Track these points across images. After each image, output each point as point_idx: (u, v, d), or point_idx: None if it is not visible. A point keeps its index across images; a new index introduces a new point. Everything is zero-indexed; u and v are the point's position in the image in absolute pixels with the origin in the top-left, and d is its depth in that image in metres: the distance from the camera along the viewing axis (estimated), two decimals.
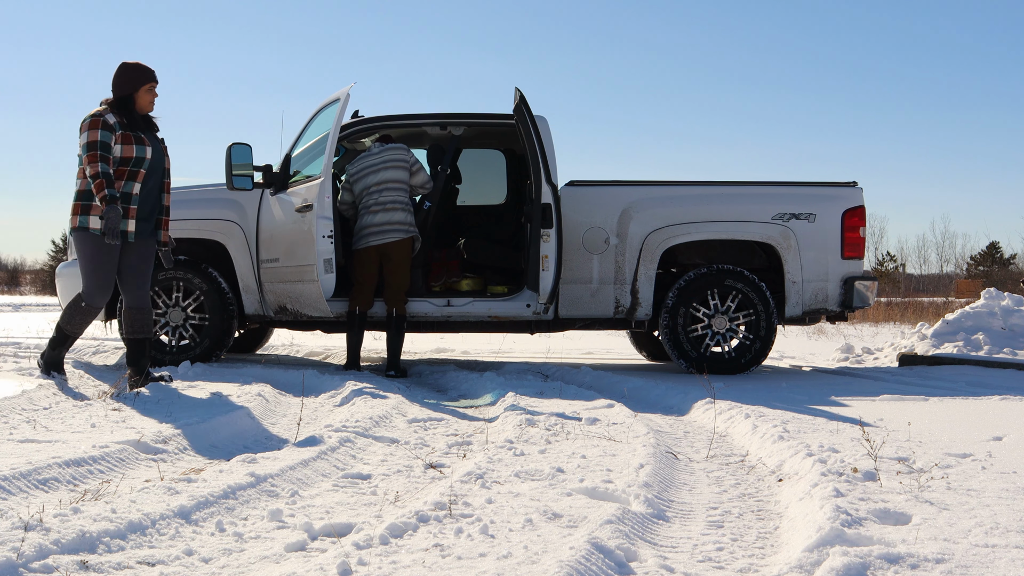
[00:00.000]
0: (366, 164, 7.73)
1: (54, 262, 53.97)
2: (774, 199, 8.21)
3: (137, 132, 6.16)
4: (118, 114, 6.13)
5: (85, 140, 6.03)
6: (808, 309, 8.20)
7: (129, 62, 6.27)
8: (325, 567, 2.71)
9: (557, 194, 7.54)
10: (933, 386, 7.36)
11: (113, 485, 3.69)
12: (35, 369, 7.72)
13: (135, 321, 6.32)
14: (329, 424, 5.14)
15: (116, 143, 6.07)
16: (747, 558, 2.96)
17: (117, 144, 6.07)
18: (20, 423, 4.99)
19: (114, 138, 6.06)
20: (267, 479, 3.79)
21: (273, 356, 9.32)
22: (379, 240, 7.61)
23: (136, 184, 6.16)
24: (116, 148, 6.07)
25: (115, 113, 6.13)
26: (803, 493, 3.57)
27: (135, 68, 6.23)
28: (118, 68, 6.24)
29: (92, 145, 6.00)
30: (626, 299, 8.12)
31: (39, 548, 2.75)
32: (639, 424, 5.27)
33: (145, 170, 6.18)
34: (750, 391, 6.68)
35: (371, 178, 7.69)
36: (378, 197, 7.65)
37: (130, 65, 6.25)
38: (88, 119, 6.07)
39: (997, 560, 2.74)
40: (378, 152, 7.77)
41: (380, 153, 7.76)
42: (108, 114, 6.10)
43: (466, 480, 3.84)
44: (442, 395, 6.99)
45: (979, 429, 5.11)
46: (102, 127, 6.03)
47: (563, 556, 2.75)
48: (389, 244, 7.60)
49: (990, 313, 9.72)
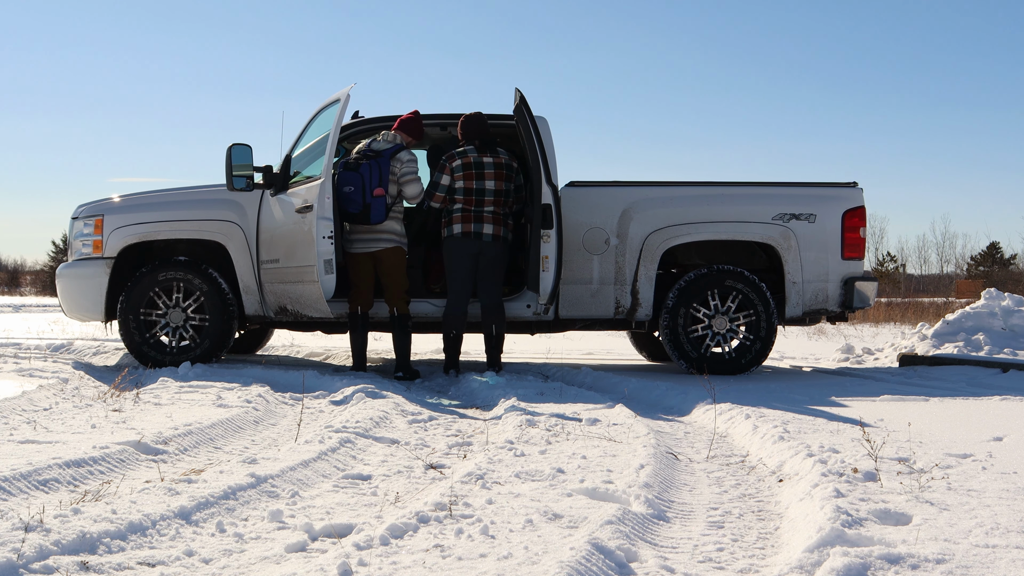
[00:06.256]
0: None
1: (54, 263, 53.96)
2: (774, 200, 8.21)
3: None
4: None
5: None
6: (808, 309, 8.20)
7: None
8: (325, 568, 2.71)
9: (557, 195, 7.54)
10: (933, 386, 7.36)
11: (113, 486, 3.69)
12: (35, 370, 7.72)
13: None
14: (329, 425, 5.14)
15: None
16: (747, 558, 2.96)
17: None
18: (20, 424, 4.99)
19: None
20: (267, 480, 3.80)
21: (273, 357, 9.32)
22: (365, 248, 7.60)
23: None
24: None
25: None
26: (803, 493, 3.57)
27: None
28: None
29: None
30: (626, 300, 8.12)
31: (39, 549, 2.75)
32: (639, 425, 5.27)
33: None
34: (750, 391, 6.68)
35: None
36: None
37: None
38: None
39: (998, 560, 2.74)
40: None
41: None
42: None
43: (466, 481, 3.84)
44: (442, 395, 6.99)
45: (979, 429, 5.11)
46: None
47: (563, 557, 2.75)
48: (378, 252, 7.60)
49: (990, 313, 9.71)
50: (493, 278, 7.67)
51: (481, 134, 7.72)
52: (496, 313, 7.72)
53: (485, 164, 7.60)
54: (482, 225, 7.58)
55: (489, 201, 7.60)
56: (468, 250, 7.58)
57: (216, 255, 8.13)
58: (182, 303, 8.00)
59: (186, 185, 8.35)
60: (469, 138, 7.72)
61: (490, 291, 7.68)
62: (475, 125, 7.73)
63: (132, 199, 8.26)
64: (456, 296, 7.68)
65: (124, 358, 8.71)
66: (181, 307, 8.00)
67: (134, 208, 8.17)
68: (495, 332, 7.76)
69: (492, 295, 7.69)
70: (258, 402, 5.94)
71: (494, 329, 7.75)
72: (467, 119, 7.76)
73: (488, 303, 7.69)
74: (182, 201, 8.19)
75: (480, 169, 7.58)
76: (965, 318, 9.68)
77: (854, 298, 8.16)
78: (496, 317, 7.72)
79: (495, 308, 7.71)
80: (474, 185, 7.56)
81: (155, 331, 8.00)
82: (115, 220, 8.08)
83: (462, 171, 7.56)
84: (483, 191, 7.58)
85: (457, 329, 7.75)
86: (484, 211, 7.60)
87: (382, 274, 7.65)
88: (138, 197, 8.28)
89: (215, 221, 8.03)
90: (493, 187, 7.59)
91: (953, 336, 9.45)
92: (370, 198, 7.41)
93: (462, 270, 7.62)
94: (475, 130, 7.72)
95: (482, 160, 7.60)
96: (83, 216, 8.19)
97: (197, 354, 7.93)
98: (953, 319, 9.74)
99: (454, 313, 7.68)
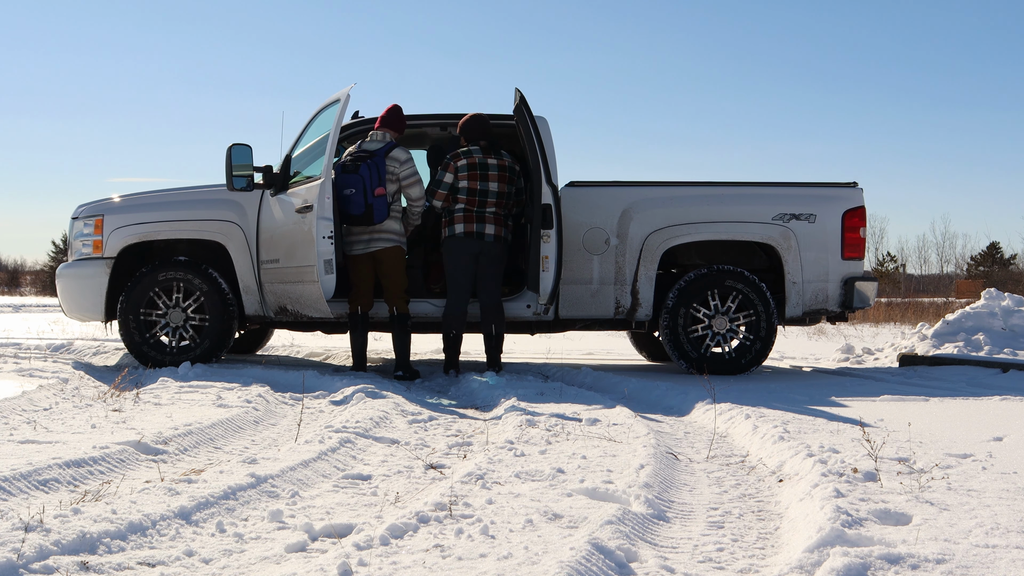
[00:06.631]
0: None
1: (54, 263, 53.95)
2: (774, 200, 8.21)
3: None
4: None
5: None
6: (808, 309, 8.20)
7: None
8: (325, 568, 2.71)
9: (557, 195, 7.54)
10: (933, 386, 7.36)
11: (113, 486, 3.69)
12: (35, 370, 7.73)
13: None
14: (329, 425, 5.14)
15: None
16: (747, 559, 2.96)
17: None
18: (20, 424, 4.99)
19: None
20: (267, 480, 3.80)
21: (273, 357, 9.32)
22: (365, 249, 7.59)
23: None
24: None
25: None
26: (803, 494, 3.57)
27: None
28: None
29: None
30: (626, 300, 8.12)
31: (39, 549, 2.75)
32: (639, 425, 5.27)
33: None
34: (750, 391, 6.68)
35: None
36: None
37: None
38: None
39: (998, 560, 2.74)
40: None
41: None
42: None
43: (466, 481, 3.84)
44: (442, 395, 6.99)
45: (979, 429, 5.11)
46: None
47: (563, 557, 2.75)
48: (377, 252, 7.59)
49: (990, 313, 9.71)
50: (493, 278, 7.67)
51: (483, 135, 7.72)
52: (496, 313, 7.72)
53: (490, 166, 7.61)
54: (484, 225, 7.59)
55: (491, 203, 7.61)
56: (469, 250, 7.58)
57: (216, 255, 8.13)
58: (182, 303, 8.00)
59: (186, 185, 8.35)
60: (472, 139, 7.72)
61: (490, 291, 7.68)
62: (478, 126, 7.73)
63: (132, 199, 8.26)
64: (456, 296, 7.68)
65: (124, 358, 8.71)
66: (181, 307, 8.00)
67: (134, 208, 8.17)
68: (495, 332, 7.77)
69: (492, 295, 7.69)
70: (258, 402, 5.94)
71: (494, 329, 7.75)
72: (470, 120, 7.75)
73: (488, 303, 7.69)
74: (182, 201, 8.19)
75: (485, 170, 7.59)
76: (965, 318, 9.68)
77: (854, 298, 8.17)
78: (496, 317, 7.72)
79: (495, 308, 7.71)
80: (478, 186, 7.57)
81: (155, 331, 8.00)
82: (115, 220, 8.08)
83: (467, 171, 7.57)
84: (486, 192, 7.58)
85: (457, 329, 7.75)
86: (486, 212, 7.60)
87: (382, 274, 7.65)
88: (138, 197, 8.28)
89: (215, 221, 8.03)
90: (496, 189, 7.60)
91: (953, 336, 9.45)
92: (372, 198, 7.40)
93: (463, 270, 7.62)
94: (478, 131, 7.72)
95: (487, 162, 7.61)
96: (83, 216, 8.19)
97: (197, 354, 7.93)
98: (953, 319, 9.74)
99: (454, 313, 7.68)
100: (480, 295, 7.72)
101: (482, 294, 7.70)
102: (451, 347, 7.80)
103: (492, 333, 7.77)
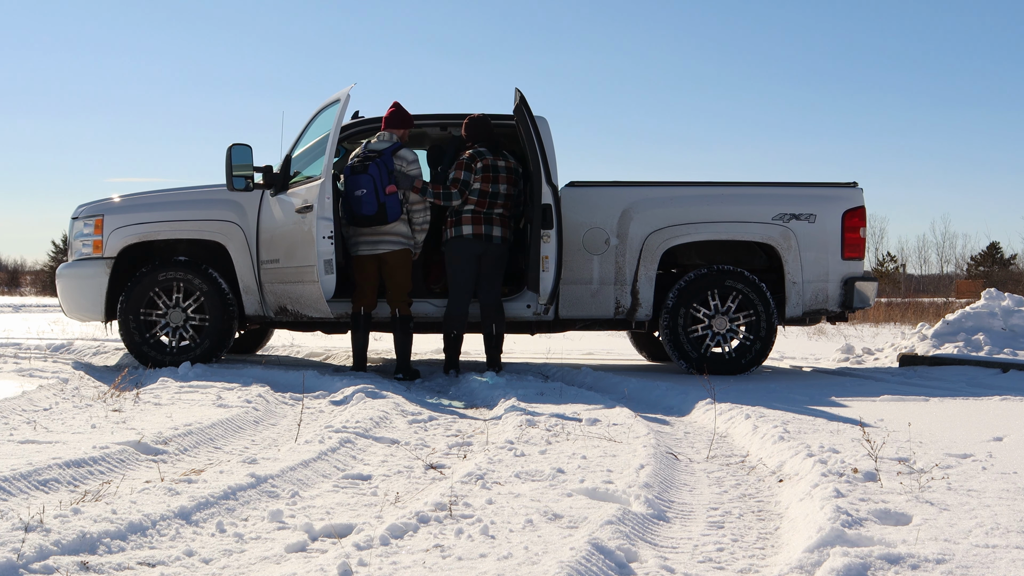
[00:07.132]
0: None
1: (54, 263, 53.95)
2: (774, 200, 8.21)
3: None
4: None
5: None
6: (808, 309, 8.21)
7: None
8: (325, 568, 2.71)
9: (557, 195, 7.54)
10: (933, 386, 7.36)
11: (113, 486, 3.69)
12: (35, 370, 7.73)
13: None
14: (329, 425, 5.14)
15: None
16: (747, 559, 2.96)
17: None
18: (20, 424, 4.99)
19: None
20: (267, 480, 3.80)
21: (273, 357, 9.33)
22: (371, 250, 7.58)
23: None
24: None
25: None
26: (803, 494, 3.57)
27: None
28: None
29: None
30: (626, 300, 8.12)
31: (39, 549, 2.75)
32: (639, 425, 5.27)
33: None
34: (750, 392, 6.68)
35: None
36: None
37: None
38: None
39: (998, 560, 2.74)
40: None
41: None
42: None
43: (466, 481, 3.84)
44: (442, 395, 6.99)
45: (979, 429, 5.11)
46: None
47: (563, 557, 2.75)
48: (384, 254, 7.58)
49: (990, 313, 9.71)
50: (494, 278, 7.68)
51: (487, 136, 7.73)
52: (496, 313, 7.72)
53: (499, 168, 7.63)
54: (492, 227, 7.61)
55: (499, 204, 7.63)
56: (475, 251, 7.59)
57: (216, 255, 8.13)
58: (182, 303, 8.00)
59: (186, 185, 8.36)
60: (476, 140, 7.73)
61: (490, 291, 7.69)
62: (481, 128, 7.74)
63: (132, 199, 8.26)
64: (458, 296, 7.68)
65: (124, 358, 8.71)
66: (181, 307, 8.00)
67: (134, 208, 8.17)
68: (495, 332, 7.77)
69: (492, 295, 7.69)
70: (258, 402, 5.94)
71: (494, 329, 7.76)
72: (473, 121, 7.76)
73: (488, 303, 7.69)
74: (182, 201, 8.20)
75: (496, 172, 7.61)
76: (965, 318, 9.68)
77: (854, 298, 8.17)
78: (496, 317, 7.72)
79: (495, 308, 7.71)
80: (490, 188, 7.59)
81: (155, 331, 8.00)
82: (115, 220, 8.08)
83: (482, 173, 7.58)
84: (496, 194, 7.61)
85: (458, 329, 7.75)
86: (494, 213, 7.63)
87: (386, 276, 7.64)
88: (138, 197, 8.28)
89: (215, 221, 8.03)
90: (504, 191, 7.63)
91: (953, 336, 9.45)
92: (384, 197, 7.39)
93: (466, 271, 7.62)
94: (481, 133, 7.73)
95: (496, 164, 7.64)
96: (83, 216, 8.19)
97: (197, 354, 7.93)
98: (953, 319, 9.74)
99: (456, 313, 7.68)
100: (480, 295, 7.72)
101: (482, 294, 7.70)
102: (451, 347, 7.80)
103: (492, 333, 7.77)
